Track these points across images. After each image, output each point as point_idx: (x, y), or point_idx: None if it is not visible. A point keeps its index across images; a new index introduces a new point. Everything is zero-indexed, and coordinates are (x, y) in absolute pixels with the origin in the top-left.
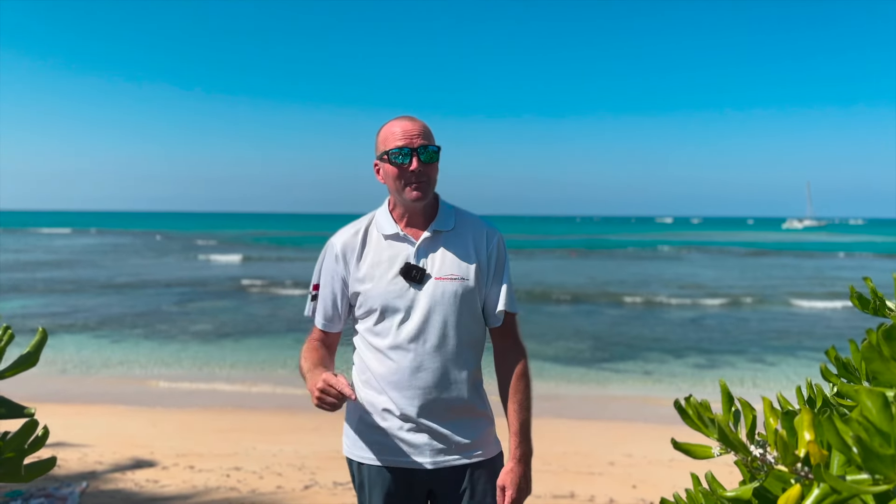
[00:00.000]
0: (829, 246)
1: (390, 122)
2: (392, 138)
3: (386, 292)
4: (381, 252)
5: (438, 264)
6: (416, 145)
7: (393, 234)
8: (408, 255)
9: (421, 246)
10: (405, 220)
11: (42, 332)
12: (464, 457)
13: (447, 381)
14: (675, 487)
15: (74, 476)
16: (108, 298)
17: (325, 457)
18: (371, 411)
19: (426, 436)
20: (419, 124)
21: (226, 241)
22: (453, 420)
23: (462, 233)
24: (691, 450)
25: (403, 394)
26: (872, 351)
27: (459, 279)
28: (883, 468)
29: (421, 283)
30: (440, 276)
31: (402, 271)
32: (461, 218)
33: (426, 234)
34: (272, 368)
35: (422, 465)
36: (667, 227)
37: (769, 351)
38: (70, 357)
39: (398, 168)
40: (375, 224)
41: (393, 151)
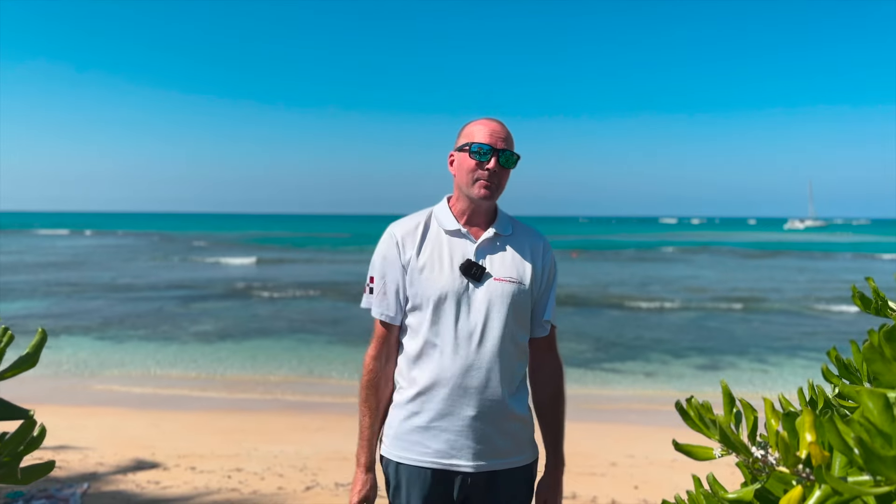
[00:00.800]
0: (830, 246)
1: (479, 120)
2: (478, 134)
3: (443, 286)
4: (441, 246)
5: (498, 265)
6: (499, 147)
7: (454, 229)
8: (468, 251)
9: (481, 245)
10: (465, 217)
11: (41, 333)
12: (504, 461)
13: (494, 383)
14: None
15: (76, 477)
16: (109, 300)
17: (326, 458)
18: (415, 409)
19: (468, 437)
20: (506, 129)
21: (228, 242)
22: (496, 423)
23: (520, 239)
24: (693, 451)
25: (450, 392)
26: (874, 352)
27: (517, 282)
28: (884, 469)
29: (480, 281)
30: (499, 276)
31: (463, 267)
32: (518, 226)
33: (487, 234)
34: (274, 369)
35: (461, 468)
36: (668, 228)
37: (771, 352)
38: (72, 358)
39: (476, 163)
40: (435, 218)
41: (475, 146)
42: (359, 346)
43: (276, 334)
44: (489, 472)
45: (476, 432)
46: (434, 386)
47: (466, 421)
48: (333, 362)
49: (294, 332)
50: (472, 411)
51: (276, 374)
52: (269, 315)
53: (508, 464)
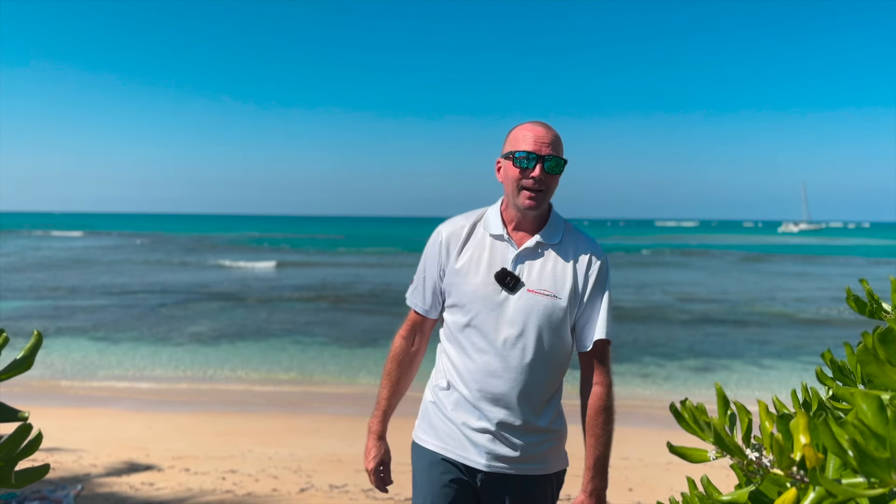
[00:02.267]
0: (825, 249)
1: (524, 125)
2: (522, 141)
3: (476, 291)
4: (483, 250)
5: (535, 276)
6: (544, 153)
7: (498, 234)
8: (506, 258)
9: (522, 253)
10: (514, 223)
11: (37, 336)
12: (521, 468)
13: (518, 393)
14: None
15: (69, 479)
16: (103, 301)
17: (321, 460)
18: (442, 399)
19: (487, 438)
20: (552, 133)
21: (222, 244)
22: (517, 431)
23: (566, 249)
24: (687, 453)
25: (473, 393)
26: (868, 354)
27: (552, 296)
28: (878, 471)
29: (513, 291)
30: (533, 288)
31: (498, 275)
32: (570, 234)
33: (530, 243)
34: (269, 371)
35: (476, 464)
36: (662, 231)
37: (765, 355)
38: (65, 360)
39: (520, 171)
40: (485, 221)
41: (519, 154)
42: (354, 349)
43: (270, 336)
44: (502, 474)
45: (493, 435)
46: (457, 384)
47: (484, 423)
48: (328, 364)
49: (288, 334)
50: (490, 416)
51: (271, 376)
52: (264, 317)
53: (524, 470)
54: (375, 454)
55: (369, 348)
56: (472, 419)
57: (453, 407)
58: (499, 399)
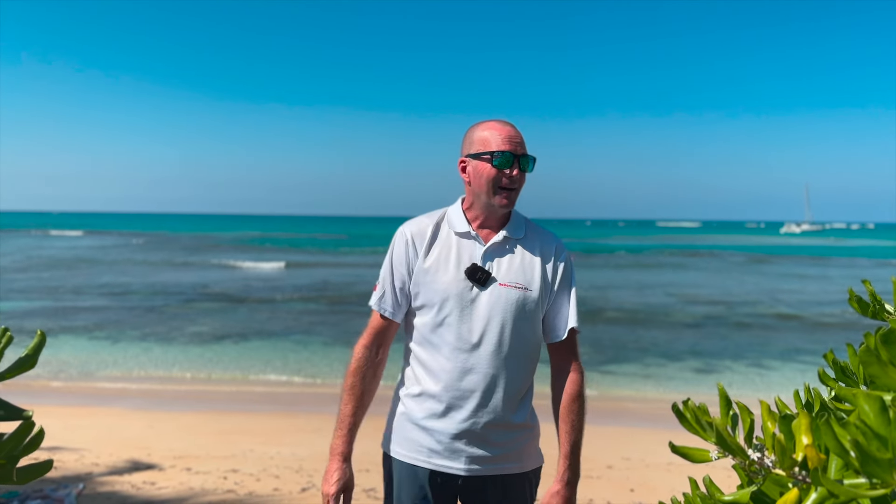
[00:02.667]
0: (828, 250)
1: (490, 123)
2: (496, 141)
3: (447, 289)
4: (450, 248)
5: (504, 269)
6: (520, 153)
7: (464, 232)
8: (475, 255)
9: (490, 249)
10: (478, 221)
11: (41, 335)
12: (499, 468)
13: (495, 388)
14: (673, 491)
15: (71, 477)
16: (105, 300)
17: (322, 459)
18: (414, 408)
19: (464, 441)
20: (518, 132)
21: (225, 243)
22: (495, 428)
23: (532, 243)
24: (689, 453)
25: (449, 394)
26: (870, 355)
27: (523, 288)
28: (880, 472)
29: (484, 286)
30: (504, 281)
31: (468, 271)
32: (532, 229)
33: (497, 238)
34: (270, 370)
35: (455, 471)
36: (664, 231)
37: (767, 355)
38: (67, 358)
39: (497, 171)
40: (447, 220)
41: (497, 154)
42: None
43: (272, 336)
44: (484, 476)
45: (470, 436)
46: (432, 387)
47: (462, 424)
48: (330, 364)
49: (290, 334)
50: (467, 415)
51: (273, 376)
52: (266, 316)
53: (502, 470)
54: (339, 477)
55: None
56: (448, 424)
57: (427, 415)
58: (476, 396)
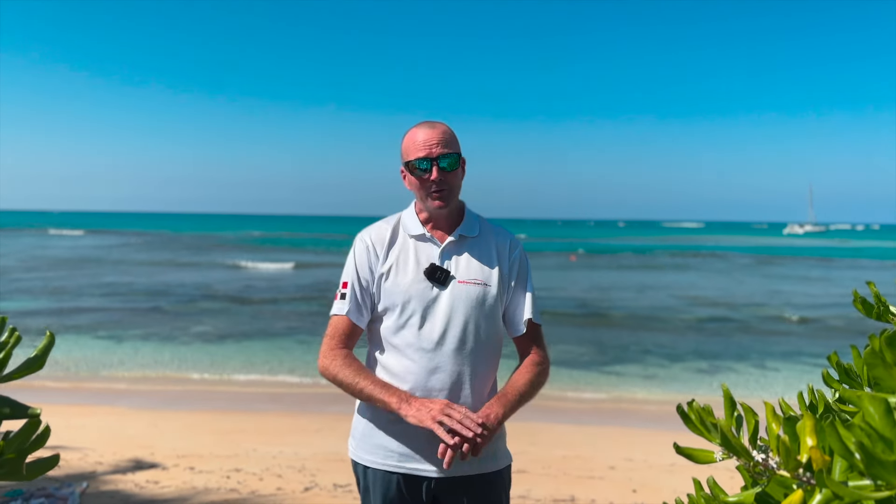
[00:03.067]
0: (831, 251)
1: (412, 131)
2: (413, 148)
3: (408, 291)
4: (408, 251)
5: (462, 268)
6: (436, 154)
7: (419, 234)
8: (433, 256)
9: (446, 249)
10: (431, 223)
11: (50, 336)
12: (472, 467)
13: (462, 386)
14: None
15: (75, 476)
16: (109, 299)
17: (325, 459)
18: (381, 413)
19: (434, 442)
20: (438, 131)
21: (228, 243)
22: None
23: (486, 240)
24: (694, 454)
25: (417, 394)
26: (875, 357)
27: (482, 284)
28: (885, 474)
29: (444, 285)
30: (463, 279)
31: (427, 271)
32: (485, 227)
33: (451, 238)
34: (273, 370)
35: (429, 473)
36: (668, 231)
37: (771, 357)
38: (71, 357)
39: (419, 179)
40: (402, 224)
41: (413, 163)
42: (359, 347)
43: (275, 335)
44: (457, 477)
45: None
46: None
47: None
48: None
49: (293, 333)
50: None
51: (275, 375)
52: (269, 316)
53: (476, 469)
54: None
55: None
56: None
57: (396, 419)
58: (444, 395)
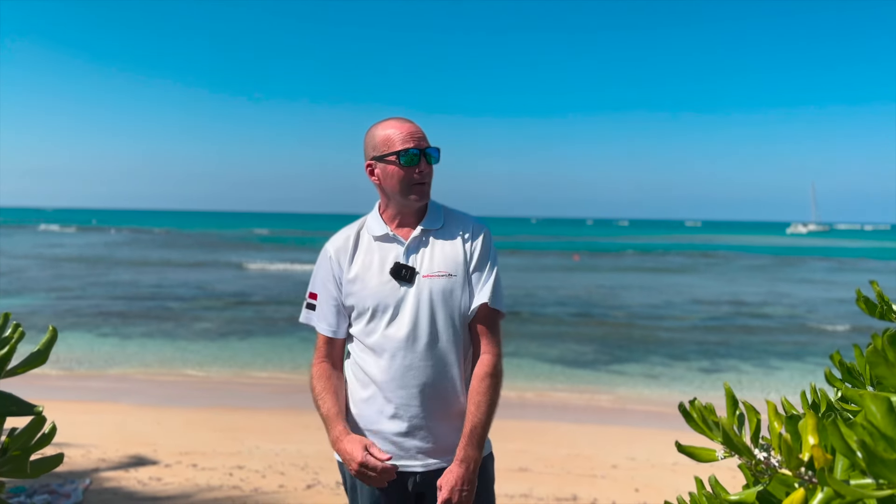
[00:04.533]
0: (835, 251)
1: (389, 123)
2: (398, 140)
3: (376, 293)
4: (372, 254)
5: (427, 262)
6: (424, 147)
7: (382, 234)
8: (397, 254)
9: (410, 245)
10: (397, 220)
11: (52, 331)
12: (453, 458)
13: (438, 381)
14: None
15: (78, 473)
16: (113, 296)
17: (328, 457)
18: (362, 414)
19: (417, 438)
20: (419, 126)
21: (226, 240)
22: (444, 421)
23: (450, 230)
24: (695, 453)
25: (395, 394)
26: (877, 356)
27: (447, 275)
28: (887, 472)
29: (411, 282)
30: (429, 273)
31: (392, 271)
32: (449, 216)
33: (415, 233)
34: (276, 367)
35: (412, 469)
36: (669, 230)
37: (773, 356)
38: (75, 354)
39: (405, 170)
40: (366, 227)
41: (402, 152)
42: None
43: (278, 332)
44: (440, 469)
45: (422, 432)
46: (377, 390)
47: (412, 421)
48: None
49: (297, 330)
50: (416, 411)
51: (278, 372)
52: (272, 312)
53: None
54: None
55: None
56: (399, 424)
57: (376, 418)
58: (422, 391)
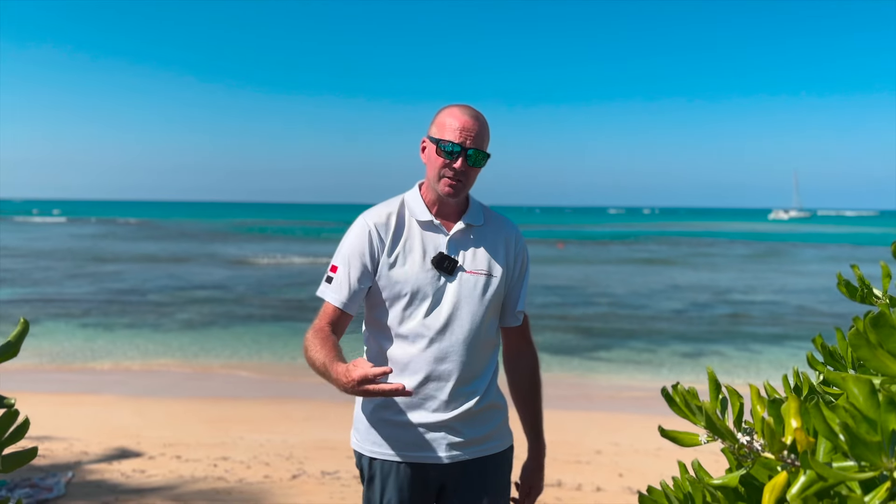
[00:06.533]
0: (816, 237)
1: (453, 109)
2: (448, 129)
3: (416, 279)
4: (414, 237)
5: (469, 257)
6: (468, 146)
7: (427, 221)
8: (440, 244)
9: (454, 237)
10: (436, 207)
11: (23, 323)
12: (478, 450)
13: (468, 374)
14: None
15: (60, 466)
16: (94, 286)
17: (312, 446)
18: (387, 403)
19: (443, 429)
20: (479, 123)
21: (210, 230)
22: (468, 413)
23: (492, 230)
24: (678, 437)
25: (423, 385)
26: (859, 338)
27: (488, 274)
28: (869, 455)
29: (452, 275)
30: (471, 269)
31: (435, 261)
32: (489, 216)
33: (459, 226)
34: (260, 357)
35: (437, 460)
36: (650, 218)
37: (757, 341)
38: (56, 346)
39: (442, 160)
40: (408, 208)
41: (444, 143)
42: (347, 334)
43: (261, 322)
44: (465, 461)
45: (448, 423)
46: (406, 380)
47: (438, 413)
48: None
49: (280, 320)
50: (443, 403)
51: (262, 363)
52: (255, 303)
53: (482, 451)
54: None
55: None
56: (425, 415)
57: (402, 409)
58: (450, 383)
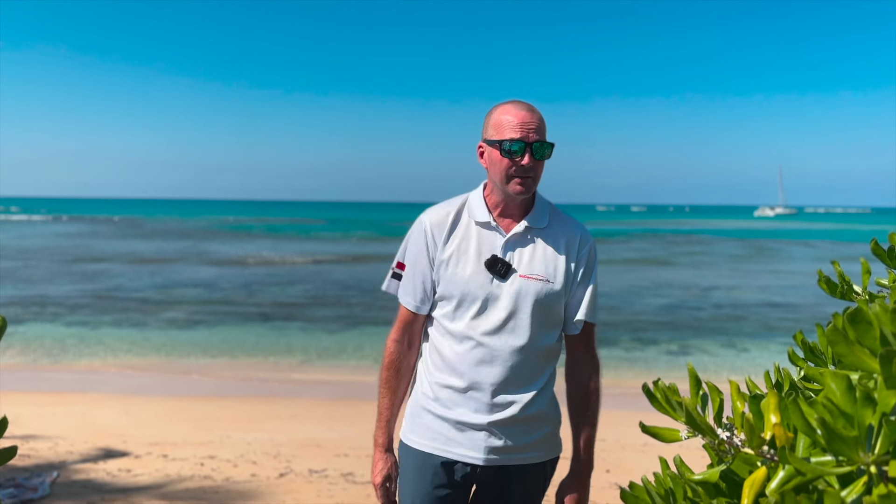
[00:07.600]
0: (801, 233)
1: (506, 107)
2: (508, 127)
3: (467, 280)
4: (470, 238)
5: (526, 261)
6: (532, 140)
7: (484, 221)
8: (496, 246)
9: (511, 239)
10: (499, 209)
11: (1, 321)
12: (517, 457)
13: (511, 380)
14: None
15: (45, 466)
16: (79, 285)
17: (300, 445)
18: (431, 397)
19: (483, 431)
20: (537, 116)
21: (202, 228)
22: (513, 419)
23: (555, 232)
24: (659, 433)
25: (467, 385)
26: (837, 334)
27: (544, 280)
28: (846, 450)
29: (504, 278)
30: (525, 273)
31: (487, 263)
32: (556, 217)
33: (518, 228)
34: (247, 357)
35: (471, 460)
36: (637, 216)
37: (742, 337)
38: (41, 345)
39: (508, 160)
40: (468, 208)
41: (506, 142)
42: (333, 334)
43: (249, 321)
44: (500, 466)
45: (488, 426)
46: (451, 378)
47: (479, 414)
48: (307, 349)
49: (267, 320)
50: (486, 405)
51: (249, 362)
52: (242, 302)
53: (520, 460)
54: (382, 467)
55: (348, 333)
56: (467, 413)
57: (445, 404)
58: (494, 387)
